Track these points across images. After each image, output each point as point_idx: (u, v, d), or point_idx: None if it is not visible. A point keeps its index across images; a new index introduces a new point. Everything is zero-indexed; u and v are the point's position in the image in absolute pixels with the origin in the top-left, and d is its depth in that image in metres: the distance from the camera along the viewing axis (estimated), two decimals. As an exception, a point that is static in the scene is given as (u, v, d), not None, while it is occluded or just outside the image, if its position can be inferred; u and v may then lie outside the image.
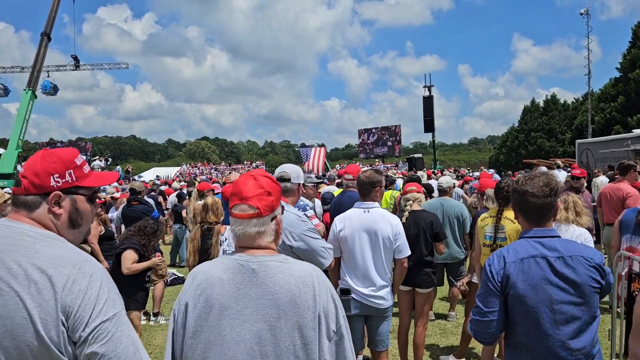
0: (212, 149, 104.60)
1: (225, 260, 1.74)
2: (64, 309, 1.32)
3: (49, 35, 26.48)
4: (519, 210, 2.23)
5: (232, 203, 1.76)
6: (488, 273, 2.12)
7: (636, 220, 4.06)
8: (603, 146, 18.45)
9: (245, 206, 1.72)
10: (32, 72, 25.57)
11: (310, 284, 1.68)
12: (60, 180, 1.52)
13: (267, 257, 1.71)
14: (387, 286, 3.88)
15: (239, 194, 1.75)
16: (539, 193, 2.14)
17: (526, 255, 2.09)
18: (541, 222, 2.16)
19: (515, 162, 47.30)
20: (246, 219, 1.72)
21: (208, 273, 1.72)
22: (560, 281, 2.04)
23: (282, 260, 1.73)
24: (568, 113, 49.70)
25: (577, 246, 2.12)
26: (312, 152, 33.83)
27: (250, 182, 1.76)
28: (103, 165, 30.41)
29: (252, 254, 1.72)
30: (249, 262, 1.69)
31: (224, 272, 1.70)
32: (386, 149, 53.38)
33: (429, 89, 37.68)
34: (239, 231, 1.73)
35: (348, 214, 3.92)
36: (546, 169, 14.58)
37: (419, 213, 4.72)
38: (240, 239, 1.75)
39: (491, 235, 4.07)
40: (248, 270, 1.68)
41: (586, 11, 31.56)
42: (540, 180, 2.17)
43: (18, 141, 23.42)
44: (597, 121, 35.30)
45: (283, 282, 1.65)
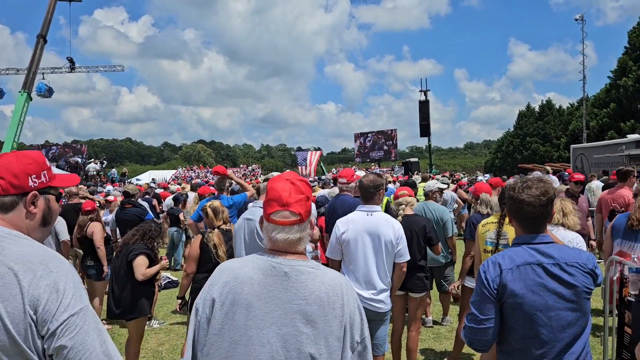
0: (208, 152, 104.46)
1: (256, 259, 1.73)
2: (32, 303, 1.35)
3: (45, 37, 26.42)
4: (515, 218, 2.21)
5: (271, 209, 1.73)
6: (483, 280, 2.11)
7: (626, 225, 4.09)
8: (597, 151, 18.54)
9: (287, 212, 1.71)
10: (28, 74, 25.49)
11: (339, 293, 1.68)
12: (37, 181, 1.58)
13: (299, 262, 1.71)
14: (387, 290, 3.90)
15: (279, 200, 1.71)
16: (535, 202, 2.12)
17: (522, 262, 2.08)
18: (536, 229, 2.16)
19: (510, 167, 47.48)
20: (288, 226, 1.71)
21: (238, 271, 1.71)
22: (556, 288, 2.04)
23: (313, 266, 1.72)
24: (563, 118, 49.94)
25: (571, 252, 2.12)
26: (308, 155, 33.92)
27: (289, 187, 1.74)
28: (98, 168, 30.31)
29: (286, 257, 1.71)
30: (281, 264, 1.69)
31: (254, 272, 1.69)
32: (382, 153, 53.47)
33: (425, 93, 37.76)
34: (280, 237, 1.71)
35: (351, 217, 3.93)
36: (540, 174, 14.65)
37: (412, 217, 4.73)
38: (279, 245, 1.72)
39: (493, 241, 4.05)
40: (280, 273, 1.68)
41: (581, 17, 31.77)
42: (537, 189, 2.14)
43: (13, 143, 23.32)
44: (591, 126, 35.46)
45: (314, 289, 1.66)
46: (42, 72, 30.20)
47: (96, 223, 6.28)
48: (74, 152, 47.71)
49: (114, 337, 6.43)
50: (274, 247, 1.74)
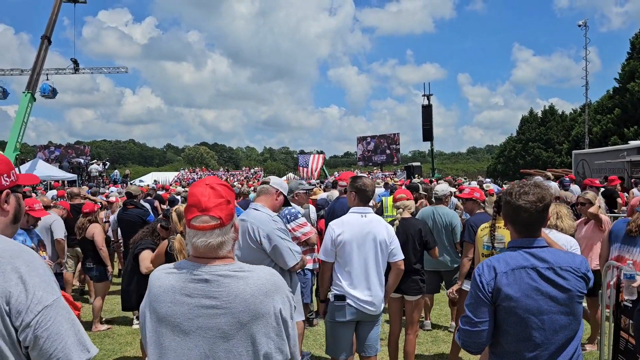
0: (210, 154, 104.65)
1: (179, 268, 1.74)
2: (4, 295, 1.39)
3: (49, 38, 26.56)
4: (510, 222, 2.23)
5: (191, 215, 1.73)
6: (478, 283, 2.12)
7: (626, 230, 4.11)
8: (599, 157, 18.54)
9: (207, 217, 1.70)
10: (32, 74, 25.62)
11: (265, 291, 1.71)
12: (8, 180, 1.63)
13: (220, 267, 1.71)
14: (382, 291, 3.92)
15: (197, 205, 1.72)
16: (532, 208, 2.13)
17: (517, 265, 2.10)
18: (531, 233, 2.17)
19: (512, 172, 47.42)
20: (209, 230, 1.70)
21: (162, 281, 1.74)
22: (550, 292, 2.06)
23: (236, 269, 1.73)
24: (566, 124, 49.90)
25: (565, 257, 2.14)
26: (310, 158, 33.97)
27: (208, 192, 1.74)
28: (101, 169, 30.40)
29: (206, 263, 1.72)
30: (201, 272, 1.70)
31: (176, 281, 1.71)
32: (385, 157, 53.44)
33: (428, 97, 37.89)
34: (201, 243, 1.71)
35: (345, 219, 3.94)
36: (541, 179, 14.64)
37: (409, 220, 4.76)
38: (200, 251, 1.73)
39: (489, 245, 4.07)
40: (201, 281, 1.69)
41: (584, 23, 31.82)
42: (534, 195, 2.14)
43: (16, 144, 23.43)
44: (594, 132, 35.44)
45: (238, 292, 1.67)
46: (46, 73, 30.32)
47: (96, 224, 6.32)
48: (77, 153, 47.83)
49: (113, 336, 6.46)
50: (196, 254, 1.74)
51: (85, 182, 27.49)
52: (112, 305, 7.88)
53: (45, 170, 27.64)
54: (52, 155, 48.40)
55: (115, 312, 7.56)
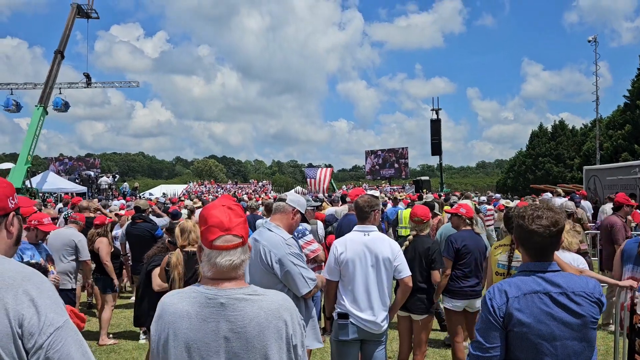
0: (219, 167, 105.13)
1: (193, 293, 1.74)
2: (17, 317, 1.41)
3: (63, 53, 26.95)
4: (522, 245, 2.18)
5: (213, 235, 1.73)
6: (489, 307, 2.07)
7: (638, 251, 4.02)
8: (610, 173, 18.35)
9: (230, 236, 1.74)
10: (45, 88, 25.97)
11: (279, 316, 1.73)
12: (12, 202, 1.68)
13: (235, 290, 1.73)
14: (385, 310, 3.87)
15: (220, 225, 1.74)
16: (545, 233, 2.07)
17: (529, 290, 2.05)
18: (544, 257, 2.12)
19: (522, 187, 47.13)
20: (232, 249, 1.73)
21: (175, 306, 1.73)
22: (563, 317, 2.01)
23: (250, 292, 1.74)
24: (576, 139, 49.61)
25: (578, 281, 2.09)
26: (318, 172, 33.94)
27: (227, 212, 1.78)
28: (110, 182, 30.61)
29: (221, 286, 1.73)
30: (217, 295, 1.71)
31: (191, 306, 1.71)
32: (393, 171, 53.40)
33: (437, 112, 37.90)
34: (226, 262, 1.73)
35: (349, 237, 3.92)
36: (550, 195, 14.50)
37: (421, 238, 4.71)
38: (223, 271, 1.74)
39: (505, 264, 4.00)
40: (216, 305, 1.70)
41: (594, 38, 31.75)
42: (547, 219, 2.08)
43: (27, 156, 23.67)
44: (605, 148, 35.19)
45: (253, 316, 1.69)
46: (58, 87, 30.72)
47: (102, 238, 6.33)
48: (87, 165, 48.27)
49: (119, 352, 6.43)
50: (214, 275, 1.75)
51: (94, 194, 27.67)
52: (119, 320, 7.86)
53: (56, 182, 27.90)
54: (63, 167, 48.86)
55: (122, 326, 7.54)
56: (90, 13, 30.01)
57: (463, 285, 4.93)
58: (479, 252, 5.00)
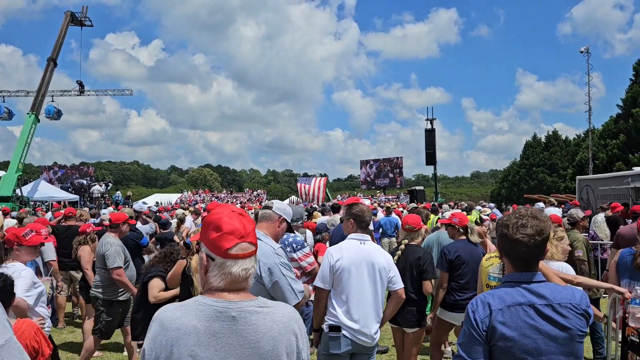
0: (214, 176, 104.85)
1: (199, 306, 1.61)
2: None
3: (56, 60, 26.88)
4: (506, 255, 2.07)
5: (229, 243, 1.62)
6: (472, 320, 1.97)
7: (635, 264, 3.88)
8: (603, 183, 18.35)
9: (246, 244, 1.65)
10: (37, 96, 25.87)
11: (291, 329, 1.65)
12: None
13: (246, 303, 1.63)
14: (378, 322, 3.77)
15: (235, 232, 1.63)
16: (530, 243, 1.98)
17: (513, 302, 1.95)
18: (529, 268, 2.03)
19: (517, 197, 47.22)
20: (248, 258, 1.65)
21: (179, 322, 1.58)
22: (549, 330, 1.92)
23: (261, 304, 1.65)
24: (570, 149, 49.85)
25: (564, 292, 2.00)
26: (312, 181, 33.89)
27: (239, 218, 1.68)
28: (103, 190, 30.36)
29: (229, 299, 1.62)
30: (228, 308, 1.60)
31: (198, 321, 1.58)
32: (388, 180, 53.36)
33: (431, 122, 37.96)
34: (242, 272, 1.63)
35: (344, 245, 3.81)
36: (542, 205, 14.46)
37: (412, 247, 4.62)
38: (237, 281, 1.64)
39: (497, 276, 3.89)
40: (227, 318, 1.59)
41: (586, 49, 31.93)
42: (532, 228, 1.99)
43: (18, 164, 23.49)
44: (600, 157, 35.32)
45: (266, 330, 1.60)
46: (51, 95, 30.58)
47: (85, 247, 6.21)
48: (80, 174, 47.96)
49: (103, 364, 6.27)
50: (227, 286, 1.64)
51: (87, 203, 27.45)
52: (104, 331, 7.69)
53: (47, 191, 27.70)
54: (55, 175, 48.55)
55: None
56: (84, 21, 29.99)
57: (459, 298, 4.78)
58: (476, 262, 4.84)
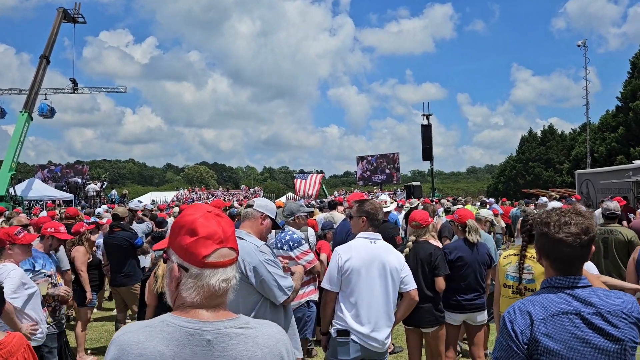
0: (210, 173, 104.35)
1: (166, 327, 1.35)
2: None
3: (48, 58, 26.52)
4: (546, 257, 1.85)
5: (206, 249, 1.37)
6: (510, 331, 1.75)
7: None
8: (604, 177, 18.20)
9: (226, 250, 1.40)
10: (30, 94, 25.50)
11: (278, 354, 1.39)
12: None
13: (223, 323, 1.36)
14: (390, 327, 3.55)
15: (213, 236, 1.38)
16: (575, 243, 1.75)
17: (557, 311, 1.73)
18: (572, 271, 1.80)
19: (513, 192, 47.13)
20: (229, 266, 1.40)
21: (142, 346, 1.32)
22: (599, 343, 1.70)
23: (242, 325, 1.39)
24: (566, 143, 49.78)
25: (613, 298, 1.78)
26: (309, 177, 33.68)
27: (218, 220, 1.44)
28: (98, 189, 30.03)
29: (203, 318, 1.36)
30: (201, 330, 1.34)
31: (166, 346, 1.32)
32: (384, 176, 53.21)
33: (428, 117, 37.72)
34: (222, 284, 1.38)
35: (354, 244, 3.60)
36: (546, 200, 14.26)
37: (421, 244, 4.42)
38: (215, 295, 1.38)
39: (515, 275, 3.69)
40: (201, 342, 1.33)
41: (583, 43, 31.75)
42: (577, 226, 1.76)
43: (12, 163, 23.16)
44: (600, 151, 35.24)
45: (248, 356, 1.34)
46: (44, 93, 30.18)
47: (79, 247, 5.97)
48: (75, 172, 47.53)
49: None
50: (203, 301, 1.37)
51: (82, 201, 27.14)
52: (99, 334, 7.47)
53: (42, 189, 27.35)
54: (50, 174, 48.12)
55: (103, 341, 7.14)
56: (76, 18, 29.58)
57: (460, 299, 4.60)
58: (479, 263, 4.65)
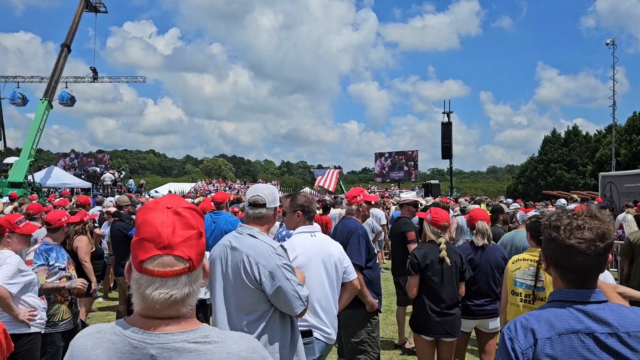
0: (228, 166, 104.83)
1: (113, 336, 1.20)
2: None
3: (69, 46, 26.69)
4: (555, 266, 1.59)
5: (144, 254, 1.18)
6: (510, 351, 1.50)
7: None
8: (629, 180, 17.63)
9: (169, 258, 1.18)
10: (50, 82, 25.66)
11: None
12: None
13: (173, 337, 1.17)
14: (336, 317, 3.48)
15: (155, 239, 1.18)
16: (589, 250, 1.50)
17: (565, 329, 1.48)
18: (585, 283, 1.55)
19: (534, 193, 46.32)
20: (172, 278, 1.17)
21: (87, 355, 1.19)
22: None
23: (198, 339, 1.18)
24: (590, 145, 48.71)
25: (633, 316, 1.51)
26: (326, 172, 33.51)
27: (171, 219, 1.21)
28: (114, 178, 30.23)
29: (150, 329, 1.17)
30: (145, 343, 1.15)
31: (107, 357, 1.17)
32: (402, 173, 52.79)
33: (448, 115, 37.19)
34: (159, 297, 1.17)
35: (295, 240, 3.42)
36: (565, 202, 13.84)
37: (450, 245, 4.21)
38: (156, 308, 1.18)
39: (523, 282, 3.46)
40: (144, 357, 1.15)
41: (612, 41, 30.90)
42: (590, 230, 1.51)
43: (31, 150, 23.34)
44: (623, 154, 34.35)
45: None
46: (65, 81, 30.44)
47: (82, 237, 5.85)
48: (96, 161, 48.09)
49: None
50: (146, 312, 1.19)
51: (97, 190, 27.37)
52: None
53: (61, 177, 27.65)
54: (71, 162, 48.78)
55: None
56: (98, 7, 29.69)
57: (470, 303, 4.37)
58: (491, 266, 4.38)
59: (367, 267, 4.04)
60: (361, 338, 4.03)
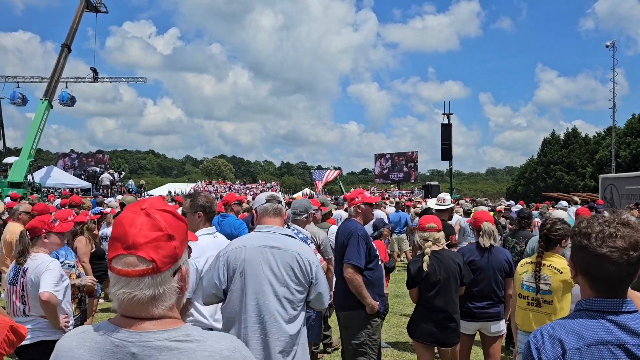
0: (228, 167, 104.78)
1: (97, 335, 1.22)
2: None
3: (70, 46, 26.65)
4: (584, 274, 1.54)
5: (112, 252, 1.22)
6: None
7: None
8: (630, 182, 17.63)
9: (133, 258, 1.19)
10: (50, 82, 25.63)
11: None
12: None
13: (154, 335, 1.19)
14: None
15: (122, 238, 1.21)
16: (622, 260, 1.44)
17: (595, 340, 1.43)
18: (616, 293, 1.49)
19: (533, 194, 46.32)
20: (135, 278, 1.19)
21: (72, 354, 1.22)
22: None
23: (179, 337, 1.19)
24: (589, 147, 48.74)
25: None
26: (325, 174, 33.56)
27: (141, 221, 1.23)
28: (112, 179, 30.15)
29: (135, 328, 1.19)
30: (126, 341, 1.17)
31: (90, 355, 1.20)
32: (402, 175, 52.82)
33: (448, 116, 37.22)
34: (123, 295, 1.19)
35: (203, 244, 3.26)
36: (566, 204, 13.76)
37: (443, 253, 4.03)
38: (124, 307, 1.21)
39: (530, 285, 3.43)
40: (125, 356, 1.17)
41: (612, 44, 30.90)
42: (623, 239, 1.45)
43: (30, 150, 23.30)
44: (623, 156, 34.36)
45: None
46: (65, 81, 30.40)
47: (81, 237, 5.82)
48: (95, 161, 48.01)
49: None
50: (123, 312, 1.22)
51: (95, 190, 27.29)
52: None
53: (60, 177, 27.59)
54: (71, 163, 48.70)
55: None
56: (99, 7, 29.65)
57: (471, 306, 4.31)
58: (494, 268, 4.31)
59: (368, 269, 3.97)
60: (361, 340, 3.97)
